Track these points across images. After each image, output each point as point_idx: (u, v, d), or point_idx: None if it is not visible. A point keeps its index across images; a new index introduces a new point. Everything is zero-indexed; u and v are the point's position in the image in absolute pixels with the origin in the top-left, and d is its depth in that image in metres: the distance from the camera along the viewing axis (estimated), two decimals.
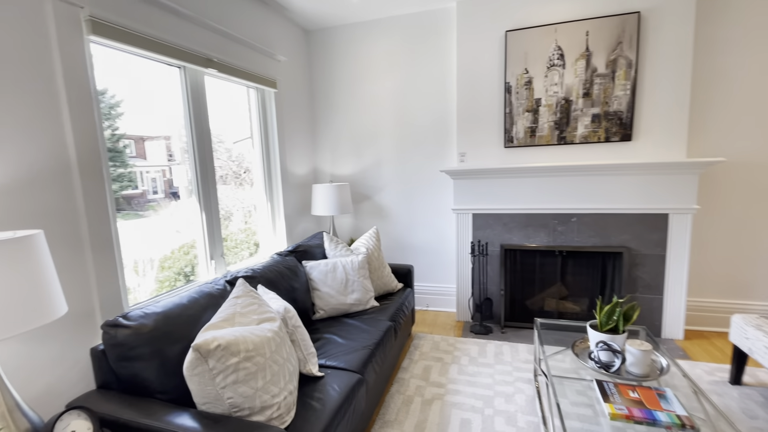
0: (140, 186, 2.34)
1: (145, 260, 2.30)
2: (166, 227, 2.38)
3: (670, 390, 1.51)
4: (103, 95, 2.08)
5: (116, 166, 2.16)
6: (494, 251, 3.03)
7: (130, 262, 2.22)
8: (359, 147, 3.47)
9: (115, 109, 2.12)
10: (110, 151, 2.15)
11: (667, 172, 2.59)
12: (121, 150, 2.17)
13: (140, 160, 2.33)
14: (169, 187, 2.65)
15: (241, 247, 2.96)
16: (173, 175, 2.74)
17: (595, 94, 2.72)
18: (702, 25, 2.61)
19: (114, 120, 2.13)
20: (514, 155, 2.96)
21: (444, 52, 3.13)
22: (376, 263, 2.68)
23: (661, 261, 2.70)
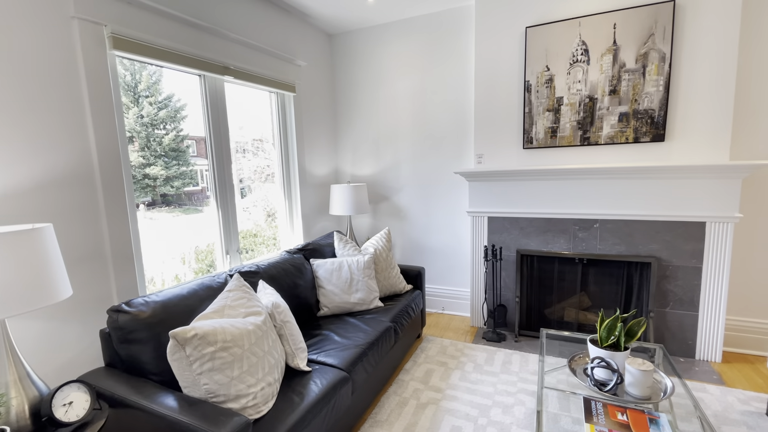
0: (200, 183, 2.55)
1: (189, 252, 2.51)
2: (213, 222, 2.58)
3: (665, 415, 1.38)
4: (169, 100, 2.33)
5: (179, 165, 2.39)
6: (510, 256, 2.92)
7: (178, 254, 2.45)
8: (379, 148, 3.50)
9: (180, 113, 2.35)
10: (174, 151, 2.38)
11: (705, 176, 2.34)
12: (184, 150, 2.39)
13: (201, 159, 2.52)
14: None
15: (268, 243, 3.12)
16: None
17: (622, 91, 2.52)
18: (750, 13, 2.32)
19: (179, 122, 2.35)
20: (533, 157, 2.83)
21: (462, 52, 3.06)
22: (383, 264, 2.70)
23: (697, 274, 2.45)
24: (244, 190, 3.08)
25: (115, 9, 1.78)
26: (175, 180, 2.38)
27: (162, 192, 2.31)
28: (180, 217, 2.45)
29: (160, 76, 2.27)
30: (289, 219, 3.16)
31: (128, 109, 2.12)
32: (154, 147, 2.24)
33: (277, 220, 3.14)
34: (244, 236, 3.06)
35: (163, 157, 2.29)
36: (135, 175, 2.12)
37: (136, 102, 2.16)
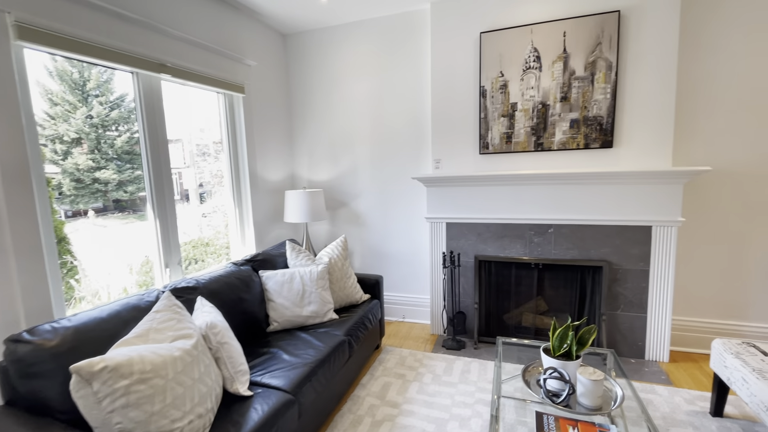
0: None
1: (138, 262, 2.31)
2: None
3: (615, 428, 1.36)
4: (122, 100, 2.15)
5: (134, 168, 2.20)
6: (468, 262, 2.89)
7: (125, 266, 2.25)
8: (336, 152, 3.39)
9: (134, 113, 2.15)
10: (127, 154, 2.20)
11: (649, 182, 2.41)
12: (139, 153, 2.19)
13: None
14: (180, 188, 2.71)
15: (220, 253, 2.93)
16: (183, 179, 2.77)
17: (573, 98, 2.56)
18: (688, 25, 2.43)
19: (132, 124, 2.17)
20: (490, 162, 2.82)
21: (419, 56, 3.02)
22: (339, 273, 2.59)
23: (645, 277, 2.52)
24: (204, 194, 2.90)
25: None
26: (129, 184, 2.23)
27: (114, 197, 2.19)
28: (134, 224, 2.27)
29: (111, 75, 2.12)
30: (239, 227, 2.97)
31: (75, 108, 1.96)
32: (105, 149, 2.12)
33: (227, 229, 2.95)
34: (195, 245, 2.85)
35: (115, 161, 2.17)
36: (83, 179, 2.01)
37: (85, 101, 2.02)
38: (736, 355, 1.78)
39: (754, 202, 2.44)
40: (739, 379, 1.70)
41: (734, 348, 1.83)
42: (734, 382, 1.75)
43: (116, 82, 2.14)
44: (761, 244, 2.46)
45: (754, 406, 1.60)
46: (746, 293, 2.53)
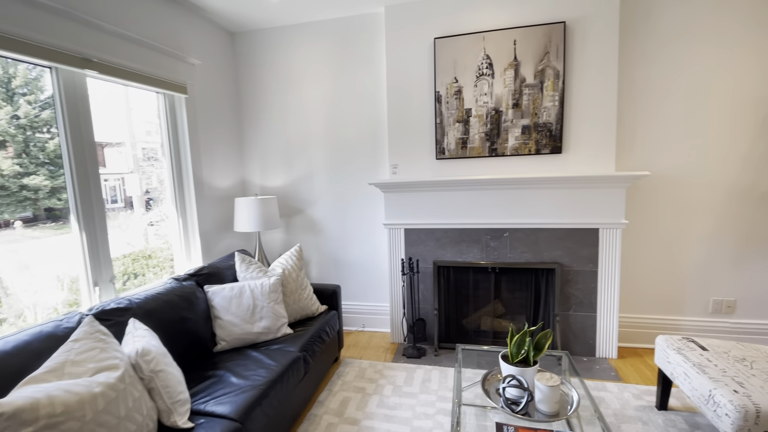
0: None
1: (65, 280, 2.04)
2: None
3: None
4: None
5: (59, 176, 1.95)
6: (427, 268, 2.87)
7: (57, 282, 1.99)
8: (290, 157, 3.25)
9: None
10: (61, 158, 1.95)
11: (595, 186, 2.51)
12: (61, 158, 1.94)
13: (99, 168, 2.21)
14: (124, 195, 2.46)
15: (164, 266, 2.68)
16: (127, 185, 2.51)
17: (524, 104, 2.62)
18: (626, 38, 2.57)
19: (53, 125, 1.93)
20: (446, 167, 2.82)
21: (375, 59, 2.97)
22: (293, 285, 2.45)
23: (594, 277, 2.62)
24: (151, 201, 2.65)
25: None
26: (64, 191, 2.01)
27: (47, 206, 1.98)
28: (70, 235, 2.00)
29: (42, 72, 1.89)
30: (184, 238, 2.74)
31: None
32: (35, 153, 1.91)
33: (170, 239, 2.72)
34: (135, 258, 2.59)
35: (47, 165, 1.96)
36: (8, 186, 1.79)
37: (10, 100, 1.82)
38: (678, 350, 1.87)
39: (686, 205, 2.62)
40: (682, 374, 1.79)
41: (676, 344, 1.92)
42: (677, 377, 1.83)
43: (47, 79, 1.91)
44: (694, 243, 2.64)
45: (696, 399, 1.67)
46: (683, 289, 2.71)
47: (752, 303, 2.61)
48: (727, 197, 2.56)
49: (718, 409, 1.52)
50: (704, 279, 2.66)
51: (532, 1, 2.54)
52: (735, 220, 2.57)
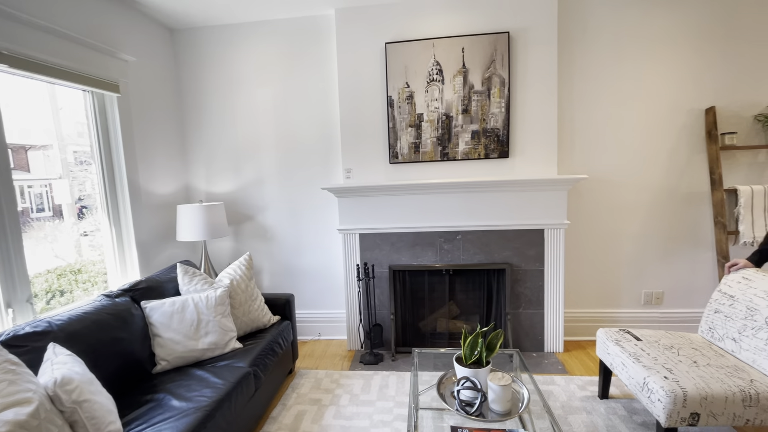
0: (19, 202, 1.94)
1: None
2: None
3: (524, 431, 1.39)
4: None
5: None
6: (383, 273, 2.85)
7: None
8: (239, 161, 3.10)
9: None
10: None
11: (540, 189, 2.64)
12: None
13: (21, 173, 2.08)
14: (52, 203, 2.20)
15: (96, 281, 2.43)
16: (55, 192, 2.24)
17: (473, 110, 2.70)
18: (564, 50, 2.74)
19: None
20: (400, 171, 2.83)
21: (327, 62, 2.92)
22: (243, 296, 2.33)
23: (541, 276, 2.74)
24: (85, 209, 2.39)
25: None
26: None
27: None
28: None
29: None
30: (117, 250, 2.51)
31: None
32: None
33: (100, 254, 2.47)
34: (62, 273, 2.33)
35: None
36: None
37: None
38: (616, 342, 1.99)
39: (619, 205, 2.83)
40: (620, 363, 1.91)
41: (614, 336, 2.05)
42: (616, 367, 1.95)
43: None
44: (626, 240, 2.86)
45: (632, 386, 1.79)
46: (619, 284, 2.91)
47: (678, 294, 2.87)
48: (654, 198, 2.80)
49: (652, 395, 1.63)
50: (636, 273, 2.88)
51: (478, 11, 2.63)
52: (661, 219, 2.81)
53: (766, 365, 1.66)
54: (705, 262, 2.81)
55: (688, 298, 2.87)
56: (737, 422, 1.56)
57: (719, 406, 1.54)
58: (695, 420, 1.56)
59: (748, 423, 1.56)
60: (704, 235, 2.78)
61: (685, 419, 1.56)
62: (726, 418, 1.56)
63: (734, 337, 1.84)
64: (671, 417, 1.56)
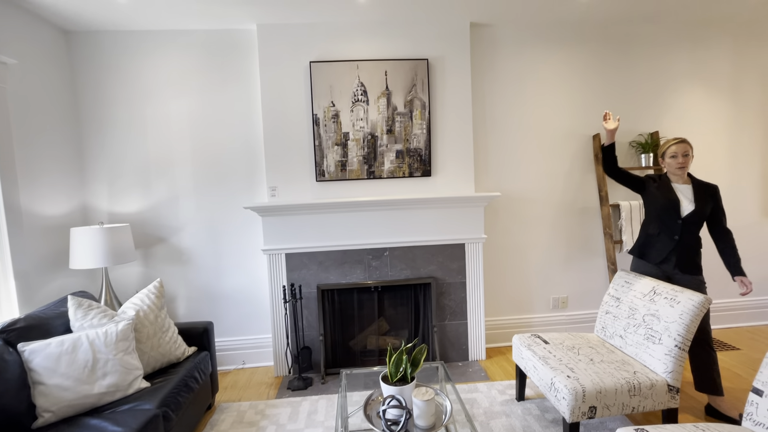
0: None
1: None
2: None
3: None
4: None
5: None
6: (311, 293, 2.78)
7: None
8: (149, 179, 2.83)
9: None
10: None
11: (460, 206, 2.81)
12: None
13: None
14: None
15: None
16: None
17: (397, 131, 2.81)
18: (477, 79, 2.99)
19: None
20: (327, 189, 2.82)
21: (249, 76, 2.84)
22: (151, 328, 2.10)
23: (463, 288, 2.89)
24: None
25: None
26: None
27: None
28: None
29: None
30: None
31: None
32: None
33: None
34: None
35: None
36: None
37: None
38: (528, 347, 2.17)
39: (528, 219, 3.13)
40: (532, 367, 2.07)
41: (526, 341, 2.23)
42: (529, 370, 2.12)
43: None
44: (536, 251, 3.15)
45: (542, 387, 1.95)
46: (531, 291, 3.19)
47: (579, 297, 3.23)
48: (556, 213, 3.14)
49: (558, 393, 1.79)
50: (545, 280, 3.19)
51: (399, 39, 2.77)
52: (562, 231, 3.15)
53: (645, 357, 1.93)
54: (599, 268, 3.21)
55: (587, 300, 3.24)
56: (625, 411, 1.78)
57: (611, 398, 1.75)
58: (593, 413, 1.74)
59: (634, 410, 1.79)
60: (596, 244, 3.18)
61: (585, 413, 1.73)
62: (617, 408, 1.77)
63: (621, 335, 2.11)
64: (574, 412, 1.73)
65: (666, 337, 1.84)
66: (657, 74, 3.11)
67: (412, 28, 2.78)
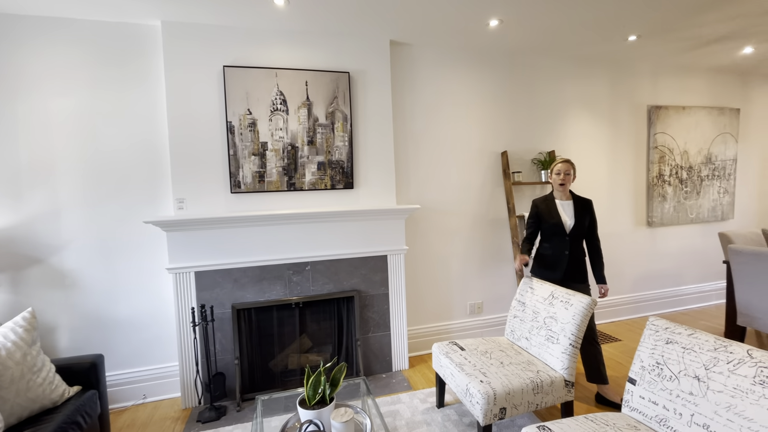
0: None
1: None
2: None
3: None
4: None
5: None
6: (225, 313, 2.58)
7: None
8: (20, 188, 2.39)
9: None
10: None
11: (382, 218, 2.84)
12: None
13: None
14: None
15: None
16: None
17: (318, 142, 2.76)
18: (397, 95, 3.08)
19: None
20: (243, 201, 2.65)
21: (153, 76, 2.57)
22: (17, 370, 1.75)
23: (386, 299, 2.92)
24: None
25: None
26: None
27: None
28: None
29: None
30: None
31: None
32: None
33: None
34: None
35: None
36: None
37: None
38: (446, 354, 2.25)
39: (446, 230, 3.28)
40: (449, 374, 2.15)
41: (445, 349, 2.31)
42: (447, 377, 2.19)
43: None
44: (454, 259, 3.32)
45: (459, 393, 2.04)
46: (450, 298, 3.34)
47: (492, 302, 3.46)
48: (472, 223, 3.34)
49: (472, 398, 1.88)
50: (463, 288, 3.36)
51: (320, 50, 2.74)
52: (477, 241, 3.37)
53: (547, 357, 2.12)
54: (508, 274, 3.48)
55: (500, 305, 3.48)
56: (531, 408, 1.93)
57: (518, 398, 1.88)
58: (503, 414, 1.86)
59: (538, 406, 1.95)
60: (506, 252, 3.45)
61: (496, 414, 1.84)
62: (524, 406, 1.91)
63: (527, 336, 2.30)
64: (486, 416, 1.82)
65: (562, 337, 2.04)
66: (554, 100, 3.51)
67: (333, 40, 2.77)
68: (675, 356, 1.52)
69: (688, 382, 1.45)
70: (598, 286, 2.49)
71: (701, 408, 1.38)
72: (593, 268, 2.51)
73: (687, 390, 1.44)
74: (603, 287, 2.48)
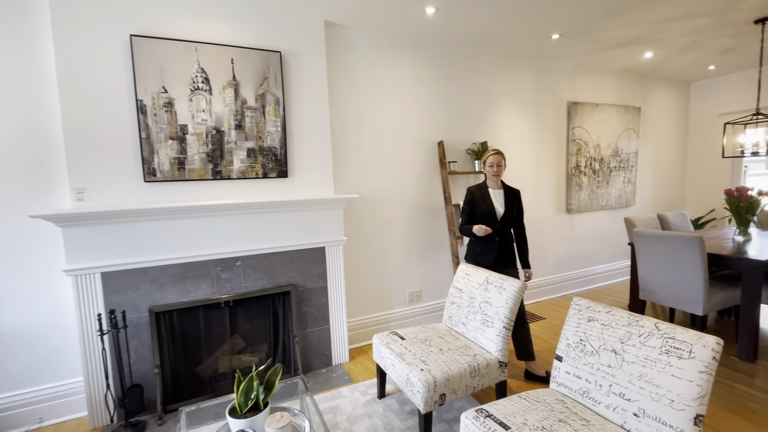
0: None
1: None
2: None
3: None
4: None
5: None
6: (140, 318, 2.29)
7: None
8: None
9: None
10: None
11: (319, 208, 2.72)
12: None
13: None
14: None
15: None
16: None
17: (247, 127, 2.54)
18: (333, 79, 2.94)
19: None
20: (160, 192, 2.36)
21: (37, 41, 2.14)
22: None
23: (324, 292, 2.82)
24: None
25: None
26: None
27: None
28: None
29: None
30: None
31: None
32: None
33: None
34: None
35: None
36: None
37: None
38: (386, 345, 2.23)
39: (386, 219, 3.26)
40: (390, 365, 2.13)
41: (385, 339, 2.29)
42: (388, 368, 2.17)
43: None
44: (393, 249, 3.31)
45: (400, 383, 2.03)
46: (390, 288, 3.34)
47: (430, 289, 3.53)
48: (410, 212, 3.35)
49: (413, 387, 1.88)
50: (402, 277, 3.38)
51: (248, 24, 2.50)
52: (415, 229, 3.39)
53: (482, 340, 2.19)
54: (446, 261, 3.57)
55: (438, 291, 3.57)
56: (469, 391, 1.98)
57: (457, 383, 1.92)
58: (443, 400, 1.88)
59: (475, 389, 2.01)
60: (443, 240, 3.53)
61: (436, 402, 1.86)
62: (462, 390, 1.95)
63: (464, 322, 2.36)
64: (427, 403, 1.83)
65: (497, 320, 2.12)
66: (487, 92, 3.62)
67: (263, 15, 2.54)
68: (596, 332, 1.65)
69: (606, 356, 1.58)
70: (524, 270, 2.66)
71: (618, 378, 1.51)
72: (519, 254, 2.67)
73: (606, 363, 1.57)
74: (528, 272, 2.65)
